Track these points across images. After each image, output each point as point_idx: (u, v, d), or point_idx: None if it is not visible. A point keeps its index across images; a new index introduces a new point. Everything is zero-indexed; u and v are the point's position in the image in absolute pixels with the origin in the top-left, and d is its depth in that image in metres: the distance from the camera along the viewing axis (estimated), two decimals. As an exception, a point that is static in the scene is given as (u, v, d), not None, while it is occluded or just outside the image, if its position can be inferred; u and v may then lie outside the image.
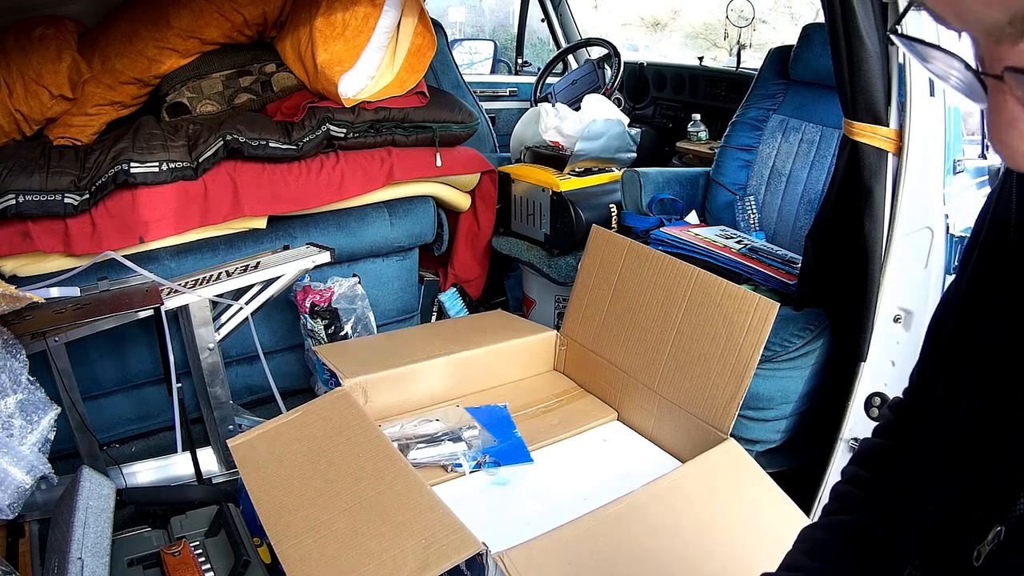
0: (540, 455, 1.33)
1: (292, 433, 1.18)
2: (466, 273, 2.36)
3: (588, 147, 2.18)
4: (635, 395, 1.42)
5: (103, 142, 1.75)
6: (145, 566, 1.11)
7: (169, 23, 1.84)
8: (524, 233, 2.29)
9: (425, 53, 2.05)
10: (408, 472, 1.05)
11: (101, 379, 1.75)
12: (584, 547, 1.03)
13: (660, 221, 2.00)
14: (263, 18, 1.96)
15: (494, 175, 2.26)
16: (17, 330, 1.35)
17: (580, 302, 1.57)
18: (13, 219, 1.57)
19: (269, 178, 1.83)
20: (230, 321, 1.66)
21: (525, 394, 1.54)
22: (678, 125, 2.84)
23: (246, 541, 1.14)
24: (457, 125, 2.09)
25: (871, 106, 1.35)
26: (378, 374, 1.40)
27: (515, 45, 3.55)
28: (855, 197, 1.40)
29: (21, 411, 1.27)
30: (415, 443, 1.29)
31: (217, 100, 1.95)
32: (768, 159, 2.05)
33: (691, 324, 1.31)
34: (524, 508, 1.19)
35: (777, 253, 1.80)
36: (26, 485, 1.24)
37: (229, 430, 1.69)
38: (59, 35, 1.78)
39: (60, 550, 1.03)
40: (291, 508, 1.02)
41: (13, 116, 1.73)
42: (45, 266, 1.63)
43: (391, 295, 2.15)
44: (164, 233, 1.72)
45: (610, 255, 1.51)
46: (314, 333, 1.84)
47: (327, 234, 1.94)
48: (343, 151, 1.95)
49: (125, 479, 1.61)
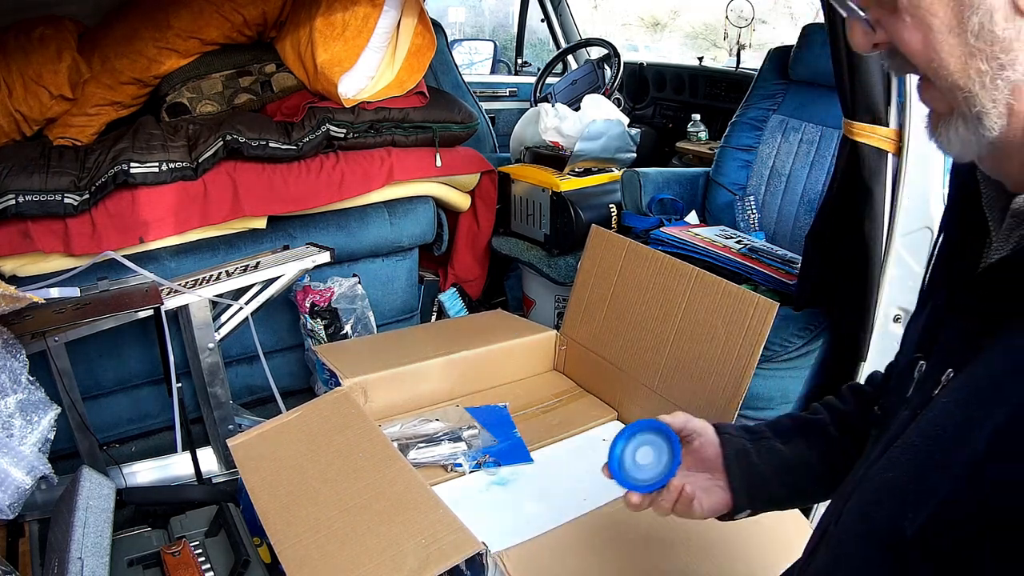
0: (540, 455, 1.33)
1: (292, 433, 1.18)
2: (466, 273, 2.36)
3: (588, 147, 2.18)
4: (635, 395, 1.42)
5: (103, 142, 1.75)
6: (145, 566, 1.11)
7: (169, 23, 1.84)
8: (524, 233, 2.29)
9: (425, 53, 2.05)
10: (408, 472, 1.05)
11: (101, 379, 1.75)
12: (584, 547, 1.03)
13: (660, 221, 2.00)
14: (263, 18, 1.96)
15: (494, 175, 2.26)
16: (17, 330, 1.35)
17: (580, 302, 1.57)
18: (13, 219, 1.57)
19: (269, 178, 1.83)
20: (230, 321, 1.66)
21: (525, 394, 1.54)
22: (678, 125, 2.84)
23: (246, 541, 1.14)
24: (457, 125, 2.09)
25: (871, 106, 1.35)
26: (378, 374, 1.40)
27: (515, 45, 3.55)
28: (855, 197, 1.40)
29: (21, 411, 1.27)
30: (415, 443, 1.29)
31: (217, 100, 1.95)
32: (768, 159, 2.05)
33: (691, 324, 1.31)
34: (524, 508, 1.19)
35: (777, 253, 1.80)
36: (26, 485, 1.24)
37: (229, 430, 1.69)
38: (59, 35, 1.78)
39: (60, 550, 1.03)
40: (291, 508, 1.02)
41: (13, 116, 1.73)
42: (45, 266, 1.63)
43: (391, 295, 2.15)
44: (164, 233, 1.72)
45: (610, 255, 1.51)
46: (314, 333, 1.84)
47: (327, 234, 1.94)
48: (343, 151, 1.95)
49: (125, 479, 1.61)
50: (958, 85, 0.50)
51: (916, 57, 0.51)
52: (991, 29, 0.47)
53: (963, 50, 0.48)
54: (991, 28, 0.47)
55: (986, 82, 0.49)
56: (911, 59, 0.51)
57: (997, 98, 0.49)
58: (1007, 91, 0.49)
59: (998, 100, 0.49)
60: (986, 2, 0.47)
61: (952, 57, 0.49)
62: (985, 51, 0.48)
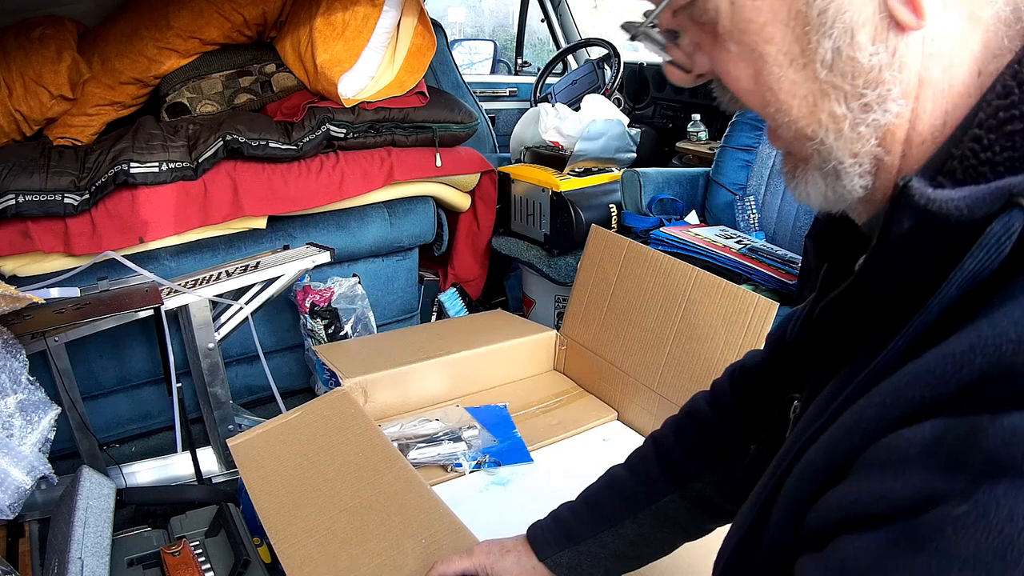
0: (540, 455, 1.33)
1: (292, 433, 1.18)
2: (466, 273, 2.36)
3: (588, 147, 2.17)
4: (635, 395, 1.42)
5: (103, 142, 1.75)
6: (145, 566, 1.11)
7: (169, 23, 1.84)
8: (524, 233, 2.29)
9: (425, 53, 2.05)
10: (408, 472, 1.05)
11: (101, 379, 1.75)
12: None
13: (660, 221, 2.00)
14: (263, 18, 1.96)
15: (494, 175, 2.26)
16: (17, 330, 1.35)
17: (580, 302, 1.57)
18: (13, 219, 1.57)
19: (269, 178, 1.83)
20: (230, 321, 1.66)
21: (525, 394, 1.54)
22: (678, 125, 2.84)
23: (246, 541, 1.14)
24: (457, 125, 2.09)
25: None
26: (378, 374, 1.40)
27: (515, 45, 3.55)
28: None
29: (21, 411, 1.27)
30: (415, 443, 1.29)
31: (217, 100, 1.95)
32: (768, 159, 2.05)
33: (691, 324, 1.31)
34: (524, 508, 1.19)
35: (777, 253, 1.80)
36: (26, 485, 1.24)
37: (229, 430, 1.69)
38: (59, 35, 1.78)
39: (60, 550, 1.03)
40: (291, 508, 1.02)
41: (13, 116, 1.73)
42: (45, 266, 1.63)
43: (391, 295, 2.15)
44: (164, 233, 1.72)
45: (610, 255, 1.50)
46: (314, 333, 1.84)
47: (327, 234, 1.94)
48: (343, 151, 1.95)
49: (125, 479, 1.61)
50: (805, 134, 0.38)
51: (746, 97, 0.39)
52: (851, 56, 0.35)
53: (810, 88, 0.36)
54: (851, 55, 0.34)
55: (844, 130, 0.36)
56: (741, 99, 0.39)
57: (860, 151, 0.37)
58: (874, 141, 0.36)
59: (861, 154, 0.37)
60: (844, 18, 0.34)
61: (795, 98, 0.36)
62: (843, 88, 0.35)
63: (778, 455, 0.45)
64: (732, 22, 0.36)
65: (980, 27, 0.34)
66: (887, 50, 0.34)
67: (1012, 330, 0.29)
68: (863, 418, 0.35)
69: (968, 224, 0.32)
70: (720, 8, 0.36)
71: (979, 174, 0.34)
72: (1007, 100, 0.33)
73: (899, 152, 0.37)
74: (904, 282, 0.36)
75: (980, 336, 0.30)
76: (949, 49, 0.34)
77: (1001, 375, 0.29)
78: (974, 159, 0.34)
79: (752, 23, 0.36)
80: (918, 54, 0.34)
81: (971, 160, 0.34)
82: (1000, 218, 0.31)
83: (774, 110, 0.37)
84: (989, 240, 0.31)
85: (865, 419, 0.34)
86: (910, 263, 0.35)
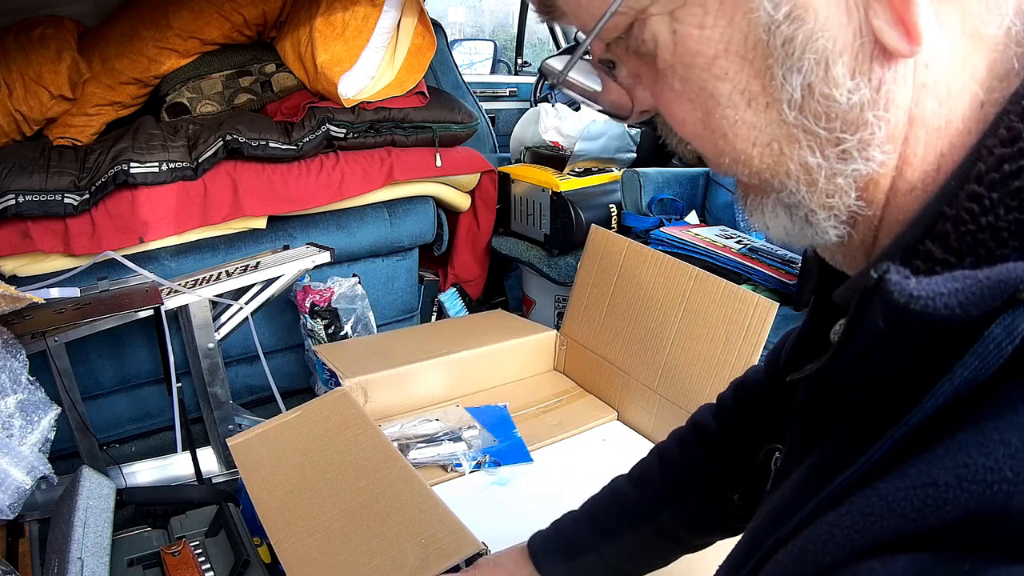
0: (540, 455, 1.33)
1: (292, 433, 1.18)
2: (466, 273, 2.36)
3: (588, 147, 2.18)
4: (635, 395, 1.42)
5: (103, 142, 1.75)
6: (145, 566, 1.11)
7: (169, 23, 1.84)
8: (524, 233, 2.29)
9: (425, 53, 2.05)
10: (408, 472, 1.05)
11: (101, 379, 1.75)
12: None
13: (660, 221, 2.01)
14: (263, 18, 1.96)
15: (494, 175, 2.26)
16: (17, 330, 1.35)
17: (580, 302, 1.57)
18: (13, 219, 1.57)
19: (269, 178, 1.83)
20: (230, 321, 1.66)
21: (525, 394, 1.54)
22: (678, 125, 2.84)
23: (246, 541, 1.14)
24: (457, 125, 2.09)
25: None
26: (378, 374, 1.40)
27: (515, 45, 3.55)
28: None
29: (21, 411, 1.27)
30: (415, 443, 1.29)
31: (217, 100, 1.95)
32: (768, 159, 2.04)
33: (691, 324, 1.31)
34: (524, 508, 1.19)
35: (777, 253, 1.80)
36: (26, 485, 1.24)
37: (229, 430, 1.69)
38: (59, 35, 1.78)
39: (60, 550, 1.03)
40: (291, 508, 1.02)
41: (13, 116, 1.73)
42: (45, 266, 1.63)
43: (391, 295, 2.15)
44: (164, 233, 1.72)
45: (609, 255, 1.50)
46: (314, 333, 1.84)
47: (327, 234, 1.94)
48: (343, 151, 1.95)
49: (125, 479, 1.61)
50: (771, 185, 0.31)
51: (696, 143, 0.32)
52: (826, 93, 0.28)
53: (775, 133, 0.29)
54: (826, 92, 0.28)
55: (818, 182, 0.30)
56: (691, 144, 0.33)
57: (835, 204, 0.31)
58: (853, 194, 0.30)
59: (837, 206, 0.31)
60: (815, 47, 0.27)
61: (755, 146, 0.30)
62: (816, 133, 0.29)
63: (753, 529, 0.41)
64: (674, 55, 0.29)
65: (984, 46, 0.28)
66: (870, 85, 0.28)
67: (1008, 466, 0.24)
68: (832, 540, 0.30)
69: (961, 323, 0.26)
70: (659, 39, 0.29)
71: (978, 242, 0.28)
72: (1013, 148, 0.27)
73: (882, 202, 0.31)
74: (879, 378, 0.31)
75: (968, 467, 0.25)
76: (946, 77, 0.28)
77: (991, 518, 0.24)
78: (972, 223, 0.28)
79: (699, 56, 0.29)
80: (908, 86, 0.28)
81: (968, 225, 0.28)
82: (1002, 319, 0.25)
83: (729, 160, 0.31)
84: (987, 345, 0.25)
85: (835, 542, 0.30)
86: (886, 362, 0.29)
